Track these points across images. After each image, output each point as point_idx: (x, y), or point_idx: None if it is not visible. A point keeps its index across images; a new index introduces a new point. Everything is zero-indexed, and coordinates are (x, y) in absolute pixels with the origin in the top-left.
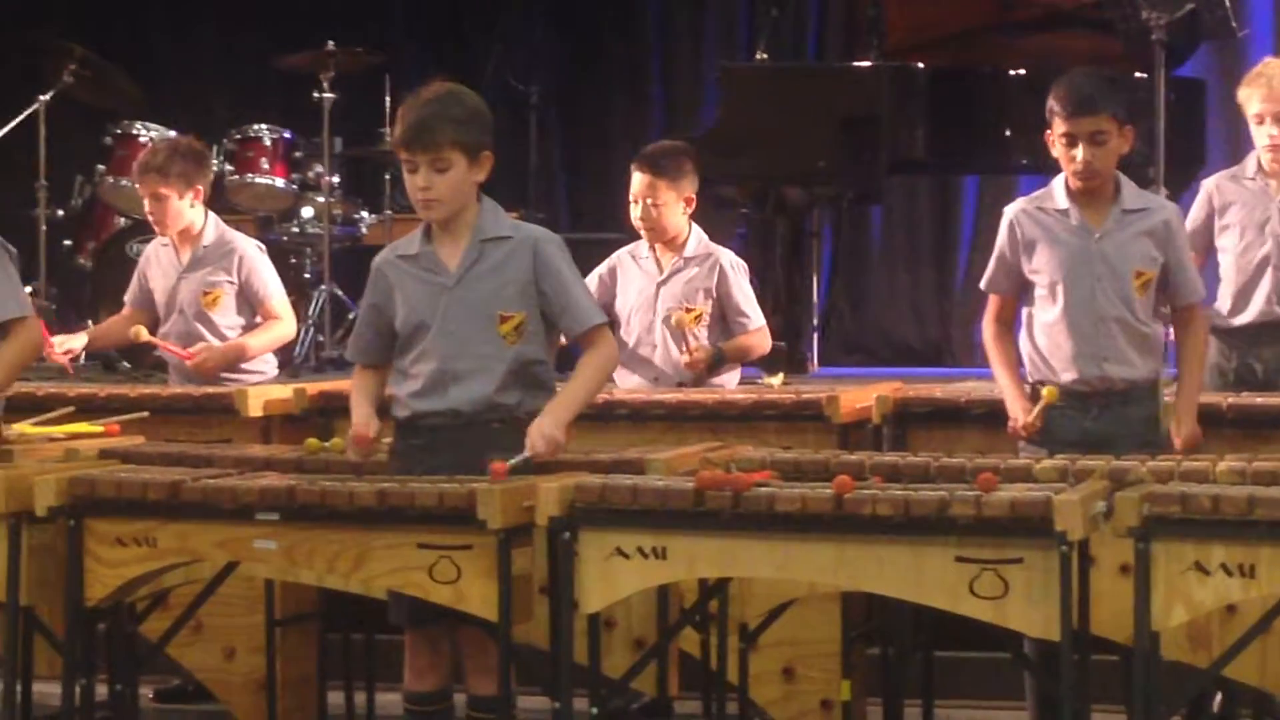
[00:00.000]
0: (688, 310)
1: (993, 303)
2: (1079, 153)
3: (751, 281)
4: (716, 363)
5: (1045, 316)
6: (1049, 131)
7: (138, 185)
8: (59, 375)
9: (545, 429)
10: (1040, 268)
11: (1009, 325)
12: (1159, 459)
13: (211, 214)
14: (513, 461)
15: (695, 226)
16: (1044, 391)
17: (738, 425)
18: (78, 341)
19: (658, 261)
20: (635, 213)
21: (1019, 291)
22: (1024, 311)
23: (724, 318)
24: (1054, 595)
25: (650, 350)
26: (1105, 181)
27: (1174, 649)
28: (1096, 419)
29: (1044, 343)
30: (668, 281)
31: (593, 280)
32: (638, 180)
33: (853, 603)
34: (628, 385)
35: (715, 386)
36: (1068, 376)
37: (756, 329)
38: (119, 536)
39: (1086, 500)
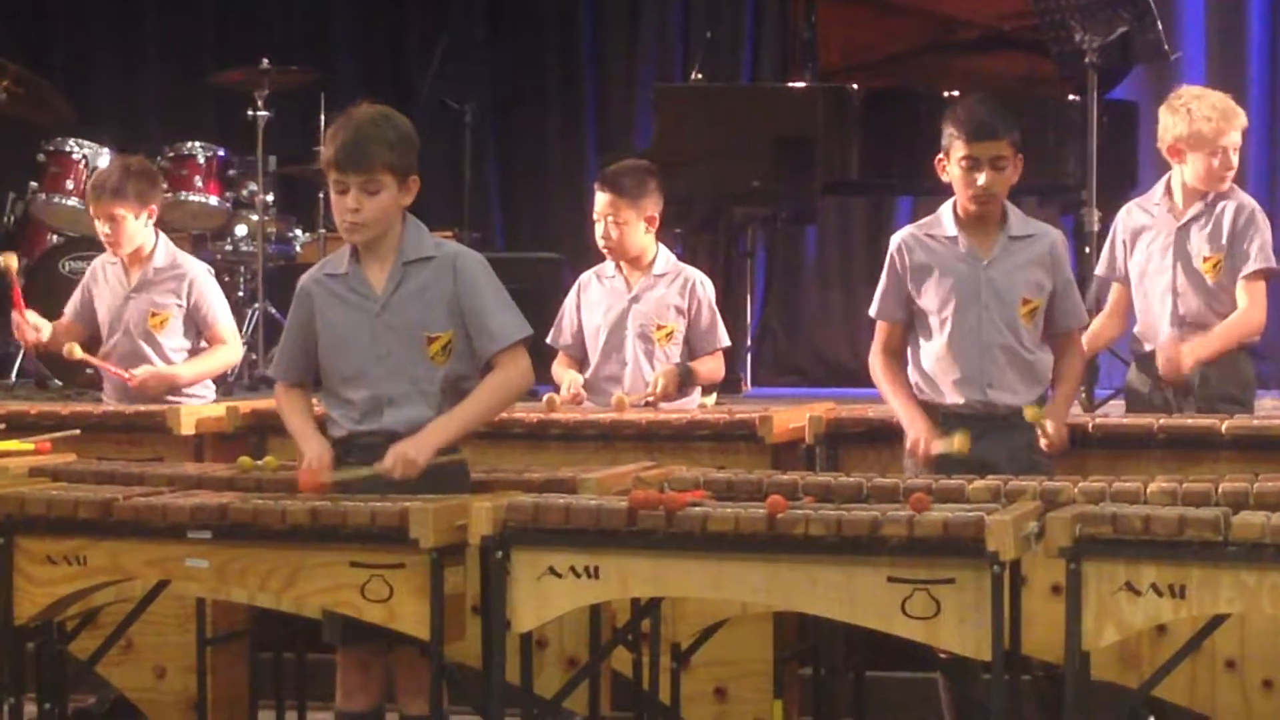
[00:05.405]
0: (659, 328)
1: (881, 330)
2: (981, 177)
3: None
4: (685, 381)
5: (932, 342)
6: (941, 157)
7: (91, 206)
8: None
9: (406, 449)
10: (929, 294)
11: (898, 354)
12: (1090, 480)
13: (163, 235)
14: (345, 475)
15: (661, 245)
16: (956, 440)
17: (671, 445)
18: (45, 329)
19: (626, 280)
20: (598, 231)
21: (908, 319)
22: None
23: (689, 336)
24: (985, 615)
25: (620, 368)
26: (997, 207)
27: (1104, 669)
28: (979, 442)
29: (931, 367)
30: (639, 299)
31: (566, 311)
32: (600, 199)
33: (785, 622)
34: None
35: (681, 407)
36: (952, 400)
37: (723, 349)
38: (49, 555)
39: (1018, 521)
